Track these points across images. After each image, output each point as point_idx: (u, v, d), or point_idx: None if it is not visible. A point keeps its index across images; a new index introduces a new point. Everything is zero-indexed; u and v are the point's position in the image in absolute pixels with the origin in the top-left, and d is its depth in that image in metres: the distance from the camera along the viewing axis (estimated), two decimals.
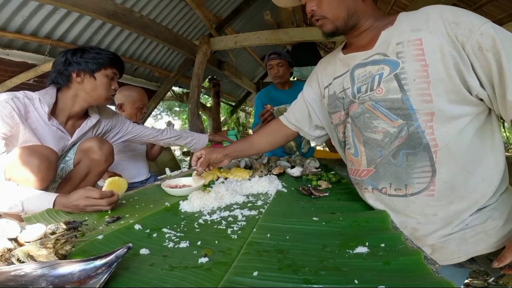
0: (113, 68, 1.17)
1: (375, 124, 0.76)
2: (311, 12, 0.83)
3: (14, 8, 1.92)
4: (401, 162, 0.74)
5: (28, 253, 0.49)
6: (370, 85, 0.77)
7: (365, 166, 0.81)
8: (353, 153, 0.84)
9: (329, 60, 0.98)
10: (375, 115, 0.76)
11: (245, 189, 1.03)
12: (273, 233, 0.64)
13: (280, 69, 2.06)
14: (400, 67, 0.71)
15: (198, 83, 3.22)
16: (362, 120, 0.79)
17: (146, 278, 0.47)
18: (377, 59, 0.76)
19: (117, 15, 2.09)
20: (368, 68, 0.78)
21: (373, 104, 0.76)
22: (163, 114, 12.12)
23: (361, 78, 0.79)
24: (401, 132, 0.72)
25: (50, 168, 1.01)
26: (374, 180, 0.79)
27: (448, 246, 0.75)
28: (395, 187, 0.76)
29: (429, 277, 0.43)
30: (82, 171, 1.24)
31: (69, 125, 1.21)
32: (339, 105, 0.87)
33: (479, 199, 0.72)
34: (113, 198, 0.85)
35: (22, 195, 0.85)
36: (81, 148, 1.23)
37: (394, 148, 0.74)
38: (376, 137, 0.77)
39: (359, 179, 0.84)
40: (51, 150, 1.04)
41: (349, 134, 0.84)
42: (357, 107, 0.80)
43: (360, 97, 0.79)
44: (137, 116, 1.95)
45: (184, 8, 3.14)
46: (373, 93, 0.76)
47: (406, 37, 0.72)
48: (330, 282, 0.43)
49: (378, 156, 0.77)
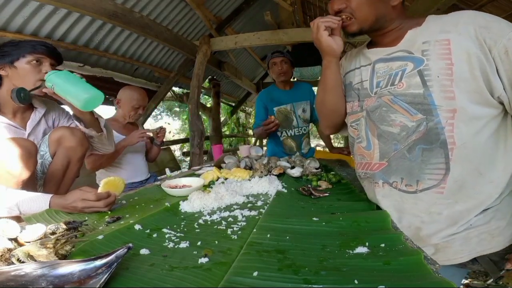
0: (34, 54, 1.16)
1: (393, 118, 0.77)
2: (338, 9, 0.83)
3: (14, 8, 1.92)
4: (416, 157, 0.74)
5: (28, 253, 0.49)
6: (391, 80, 0.78)
7: (377, 159, 0.81)
8: (364, 147, 0.84)
9: (354, 52, 0.99)
10: (393, 109, 0.77)
11: (245, 190, 1.03)
12: (273, 233, 0.64)
13: (285, 65, 2.05)
14: (424, 64, 0.73)
15: (198, 84, 3.22)
16: (378, 114, 0.80)
17: (146, 278, 0.47)
18: (400, 55, 0.78)
19: (118, 16, 2.09)
20: (390, 64, 0.79)
21: (392, 99, 0.77)
22: (163, 115, 12.11)
23: (381, 72, 0.81)
24: (419, 126, 0.73)
25: (30, 158, 1.02)
26: (385, 174, 0.80)
27: (452, 246, 0.75)
28: (406, 183, 0.76)
29: (429, 277, 0.43)
30: (61, 161, 1.25)
31: (18, 118, 1.22)
32: (353, 95, 0.89)
33: (485, 200, 0.72)
34: (110, 199, 0.85)
35: (16, 198, 0.85)
36: (53, 139, 1.24)
37: (410, 142, 0.75)
38: (392, 131, 0.77)
39: (370, 173, 0.83)
40: (29, 142, 1.06)
41: (362, 127, 0.85)
42: (374, 101, 0.81)
43: (379, 92, 0.80)
44: (131, 115, 1.93)
45: (184, 9, 3.15)
46: (393, 87, 0.77)
47: (434, 37, 0.73)
48: (330, 282, 0.43)
49: (392, 150, 0.77)
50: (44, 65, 1.18)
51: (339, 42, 0.86)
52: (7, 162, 0.97)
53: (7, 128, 1.15)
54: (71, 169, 1.30)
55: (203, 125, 3.34)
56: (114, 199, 0.87)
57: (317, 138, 11.06)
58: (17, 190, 0.90)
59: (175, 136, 11.99)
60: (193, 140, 3.18)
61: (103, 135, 1.33)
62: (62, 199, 0.84)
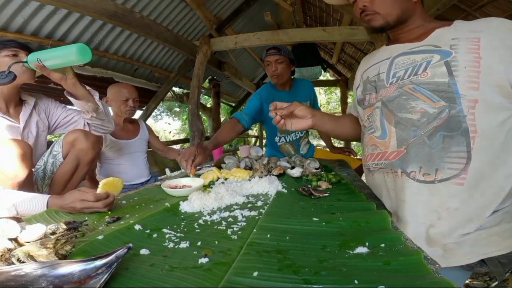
0: (8, 49, 1.19)
1: (413, 105, 0.78)
2: (363, 7, 0.87)
3: (15, 8, 1.93)
4: (437, 143, 0.74)
5: (28, 253, 0.49)
6: (414, 70, 0.80)
7: (394, 147, 0.81)
8: (378, 136, 0.85)
9: (372, 54, 1.03)
10: (414, 97, 0.78)
11: (245, 190, 1.03)
12: (273, 233, 0.64)
13: (279, 66, 1.75)
14: (452, 55, 0.75)
15: (198, 84, 3.23)
16: (396, 103, 0.81)
17: (146, 278, 0.47)
18: (425, 49, 0.80)
19: (118, 16, 2.09)
20: (412, 57, 0.81)
21: (414, 87, 0.79)
22: (163, 115, 12.12)
23: (401, 64, 0.83)
24: (441, 113, 0.74)
25: (25, 159, 1.02)
26: (403, 162, 0.79)
27: (462, 247, 0.75)
28: (424, 172, 0.76)
29: (429, 277, 0.42)
30: (72, 163, 1.27)
31: (11, 112, 1.24)
32: (370, 89, 0.92)
33: (499, 194, 0.72)
34: (109, 199, 0.85)
35: (13, 199, 0.85)
36: (67, 140, 1.26)
37: (431, 129, 0.75)
38: (411, 117, 0.78)
39: (386, 162, 0.83)
40: (24, 143, 1.07)
41: (376, 117, 0.86)
42: (393, 91, 0.83)
43: (399, 82, 0.82)
44: (122, 110, 1.91)
45: (184, 9, 3.15)
46: (416, 77, 0.79)
47: (464, 35, 0.77)
48: (330, 282, 0.43)
49: (411, 136, 0.78)
50: (21, 56, 1.20)
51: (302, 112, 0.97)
52: (2, 164, 0.97)
53: (2, 122, 1.16)
54: (79, 171, 1.31)
55: (203, 125, 3.34)
56: (113, 199, 0.87)
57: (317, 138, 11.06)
58: (15, 191, 0.90)
59: (175, 136, 12.00)
60: (193, 140, 3.18)
61: (100, 109, 1.32)
62: (60, 200, 0.84)
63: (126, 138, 1.99)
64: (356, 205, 0.84)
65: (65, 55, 1.04)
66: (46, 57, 1.06)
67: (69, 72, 1.17)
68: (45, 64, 1.06)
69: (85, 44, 1.07)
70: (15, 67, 1.11)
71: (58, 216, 0.81)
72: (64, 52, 1.04)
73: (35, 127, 1.30)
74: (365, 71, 0.98)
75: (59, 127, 1.42)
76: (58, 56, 1.05)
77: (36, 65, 1.08)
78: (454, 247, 0.75)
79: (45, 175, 1.30)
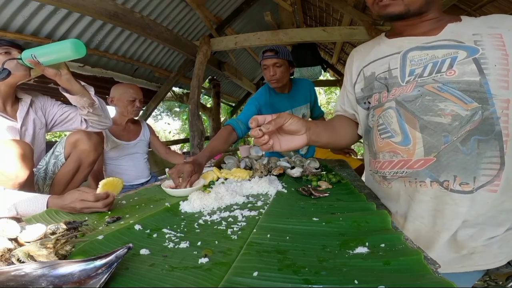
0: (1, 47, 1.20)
1: (441, 107, 0.70)
2: None
3: (15, 8, 1.92)
4: (471, 149, 0.68)
5: (28, 253, 0.49)
6: (436, 67, 0.73)
7: (420, 155, 0.73)
8: (399, 142, 0.76)
9: (368, 46, 0.94)
10: (441, 97, 0.71)
11: (245, 190, 1.03)
12: (273, 233, 0.64)
13: (278, 70, 1.64)
14: (480, 52, 0.70)
15: (198, 84, 3.22)
16: (419, 103, 0.73)
17: (146, 278, 0.47)
18: (445, 44, 0.74)
19: (118, 16, 2.09)
20: (431, 52, 0.75)
21: (439, 86, 0.71)
22: (163, 115, 12.11)
23: (417, 60, 0.76)
24: (474, 115, 0.68)
25: (25, 159, 1.03)
26: (434, 171, 0.72)
27: (490, 249, 0.71)
28: (460, 181, 0.69)
29: (429, 277, 0.42)
30: (73, 164, 1.27)
31: (8, 110, 1.25)
32: (378, 86, 0.83)
33: None
34: (109, 199, 0.85)
35: (13, 199, 0.85)
36: (69, 141, 1.26)
37: (464, 134, 0.69)
38: (441, 121, 0.70)
39: (410, 171, 0.75)
40: (24, 143, 1.07)
41: (392, 120, 0.77)
42: (411, 90, 0.75)
43: (417, 80, 0.74)
44: (129, 110, 1.92)
45: (184, 9, 3.15)
46: (441, 75, 0.72)
47: (484, 30, 0.72)
48: (330, 283, 0.43)
49: (442, 143, 0.70)
50: (14, 54, 1.21)
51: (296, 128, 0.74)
52: (2, 164, 0.97)
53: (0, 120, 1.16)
54: (81, 172, 1.31)
55: (203, 125, 3.34)
56: (113, 199, 0.87)
57: None
58: (15, 191, 0.91)
59: (175, 136, 12.00)
60: (193, 140, 3.18)
61: (96, 104, 1.32)
62: (60, 200, 0.84)
63: (128, 139, 1.99)
64: (356, 205, 0.84)
65: (59, 50, 1.04)
66: (40, 53, 1.06)
67: (63, 68, 1.17)
68: (40, 60, 1.06)
69: (80, 40, 1.07)
70: (9, 64, 1.12)
71: (58, 216, 0.81)
72: (58, 47, 1.05)
73: (32, 125, 1.30)
74: (366, 66, 0.88)
75: (56, 124, 1.43)
76: (52, 52, 1.06)
77: (30, 61, 1.08)
78: (482, 250, 0.72)
79: (47, 175, 1.30)
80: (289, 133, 0.75)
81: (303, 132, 0.75)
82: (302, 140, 0.77)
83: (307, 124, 0.77)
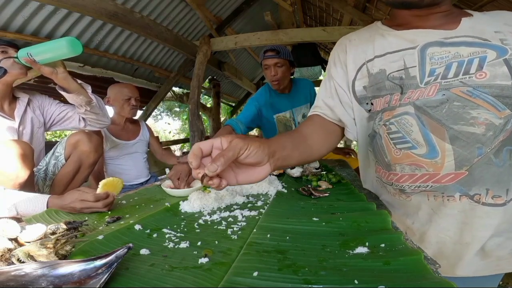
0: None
1: (474, 115, 0.63)
2: None
3: (15, 8, 1.93)
4: (504, 161, 0.63)
5: (28, 253, 0.49)
6: (462, 67, 0.64)
7: (450, 169, 0.66)
8: (423, 154, 0.68)
9: (364, 35, 0.80)
10: (473, 104, 0.63)
11: (245, 190, 1.03)
12: (273, 233, 0.64)
13: (279, 70, 1.64)
14: (509, 53, 0.63)
15: (198, 84, 3.23)
16: (446, 110, 0.65)
17: (146, 278, 0.47)
18: (469, 41, 0.65)
19: (118, 16, 2.09)
20: (453, 49, 0.66)
21: (469, 91, 0.63)
22: (163, 115, 12.12)
23: (438, 59, 0.66)
24: (507, 124, 0.62)
25: (26, 160, 1.03)
26: (464, 186, 0.65)
27: None
28: (493, 194, 0.64)
29: (429, 277, 0.42)
30: (73, 164, 1.27)
31: (6, 109, 1.25)
32: (391, 87, 0.71)
33: None
34: (109, 199, 0.85)
35: (13, 199, 0.85)
36: (70, 142, 1.27)
37: (497, 144, 0.63)
38: (475, 131, 0.63)
39: (437, 186, 0.68)
40: (24, 143, 1.07)
41: (412, 128, 0.68)
42: (433, 93, 0.66)
43: (441, 82, 0.66)
44: (125, 109, 1.92)
45: (184, 9, 3.15)
46: (470, 77, 0.64)
47: (504, 28, 0.66)
48: (330, 282, 0.43)
49: (475, 155, 0.63)
50: (10, 53, 1.22)
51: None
52: (3, 164, 0.97)
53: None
54: (81, 173, 1.31)
55: (203, 125, 3.34)
56: (113, 199, 0.87)
57: None
58: (16, 191, 0.91)
59: (175, 136, 12.01)
60: (193, 140, 3.18)
61: (93, 102, 1.32)
62: (60, 200, 0.84)
63: (127, 138, 1.99)
64: (356, 205, 0.84)
65: (55, 48, 1.05)
66: (36, 52, 1.06)
67: (60, 66, 1.17)
68: (36, 58, 1.07)
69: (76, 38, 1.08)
70: (5, 62, 1.12)
71: (58, 216, 0.81)
72: (54, 46, 1.05)
73: (30, 123, 1.30)
74: (371, 61, 0.75)
75: (54, 123, 1.43)
76: (48, 50, 1.06)
77: (26, 60, 1.08)
78: (509, 257, 0.69)
79: (47, 176, 1.31)
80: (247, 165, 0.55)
81: (265, 162, 0.57)
82: (264, 171, 0.57)
83: (270, 150, 0.58)
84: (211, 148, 0.52)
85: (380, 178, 0.84)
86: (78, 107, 1.29)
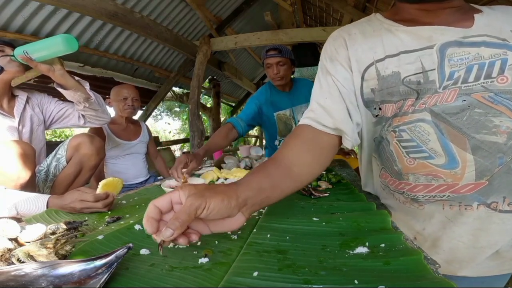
0: None
1: (496, 123, 0.58)
2: None
3: (15, 8, 1.93)
4: None
5: (28, 253, 0.49)
6: (483, 70, 0.59)
7: (470, 179, 0.62)
8: (442, 164, 0.63)
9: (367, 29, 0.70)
10: (496, 111, 0.58)
11: None
12: (273, 233, 0.64)
13: (281, 68, 1.69)
14: None
15: (198, 84, 3.23)
16: (467, 117, 0.60)
17: (146, 278, 0.47)
18: (490, 41, 0.60)
19: (118, 16, 2.09)
20: (472, 50, 0.60)
21: (491, 96, 0.58)
22: (163, 115, 12.12)
23: (456, 60, 0.60)
24: None
25: (27, 160, 1.03)
26: (483, 195, 0.63)
27: None
28: (509, 201, 0.62)
29: (429, 277, 0.42)
30: (75, 167, 1.27)
31: (5, 107, 1.25)
32: (406, 92, 0.64)
33: None
34: (108, 199, 0.85)
35: (14, 198, 0.85)
36: (72, 144, 1.27)
37: None
38: (497, 140, 0.59)
39: (454, 196, 0.65)
40: (26, 144, 1.07)
41: (429, 137, 0.63)
42: (452, 98, 0.60)
43: (461, 86, 0.60)
44: (121, 108, 1.93)
45: (184, 9, 3.15)
46: (492, 81, 0.58)
47: None
48: (330, 282, 0.43)
49: (496, 165, 0.60)
50: (7, 52, 1.22)
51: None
52: (4, 165, 0.97)
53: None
54: (82, 175, 1.31)
55: (203, 125, 3.34)
56: (113, 199, 0.87)
57: None
58: (16, 191, 0.91)
59: (175, 136, 12.01)
60: (193, 140, 3.18)
61: (91, 98, 1.32)
62: (60, 200, 0.84)
63: (128, 138, 2.01)
64: (356, 205, 0.84)
65: (50, 46, 1.05)
66: (32, 50, 1.06)
67: (57, 63, 1.17)
68: (32, 56, 1.07)
69: (71, 35, 1.08)
70: (1, 60, 1.13)
71: (58, 216, 0.81)
72: (50, 43, 1.05)
73: (29, 121, 1.30)
74: (382, 61, 0.66)
75: (54, 121, 1.43)
76: (44, 47, 1.06)
77: (23, 58, 1.08)
78: None
79: (48, 177, 1.30)
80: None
81: (235, 213, 0.52)
82: (238, 222, 0.53)
83: (239, 200, 0.51)
84: (171, 204, 0.48)
85: (387, 185, 0.80)
86: (76, 104, 1.29)
